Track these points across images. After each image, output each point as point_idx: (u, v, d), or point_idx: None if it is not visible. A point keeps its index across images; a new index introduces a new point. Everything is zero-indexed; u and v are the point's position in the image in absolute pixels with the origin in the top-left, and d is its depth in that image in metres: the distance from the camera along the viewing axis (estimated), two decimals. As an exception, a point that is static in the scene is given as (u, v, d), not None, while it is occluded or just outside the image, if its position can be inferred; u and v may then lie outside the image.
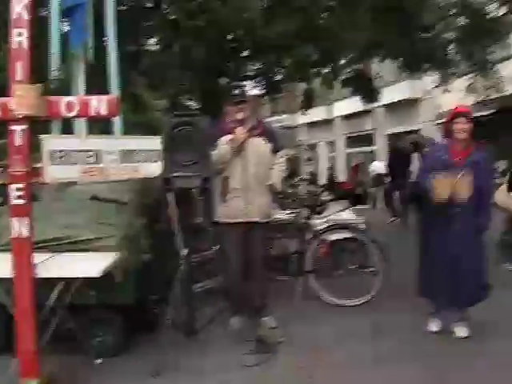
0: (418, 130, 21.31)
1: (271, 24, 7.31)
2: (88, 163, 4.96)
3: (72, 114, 3.46)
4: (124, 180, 5.34)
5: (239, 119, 4.94)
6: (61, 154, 4.71)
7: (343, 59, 10.64)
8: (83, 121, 5.80)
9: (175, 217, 5.18)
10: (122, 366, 4.27)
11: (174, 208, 5.18)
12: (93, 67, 6.02)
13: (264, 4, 8.25)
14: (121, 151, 5.14)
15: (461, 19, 8.55)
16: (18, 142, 3.29)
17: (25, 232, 3.29)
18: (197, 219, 5.61)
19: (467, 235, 4.50)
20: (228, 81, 10.38)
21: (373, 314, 5.31)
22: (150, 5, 8.96)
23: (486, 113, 15.33)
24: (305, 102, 13.40)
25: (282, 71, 10.75)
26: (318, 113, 28.67)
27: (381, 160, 19.18)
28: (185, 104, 12.54)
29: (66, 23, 6.04)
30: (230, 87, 8.29)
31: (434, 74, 10.91)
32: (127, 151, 5.20)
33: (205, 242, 5.82)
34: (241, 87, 5.60)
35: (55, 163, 4.65)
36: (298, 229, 6.44)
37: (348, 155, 29.72)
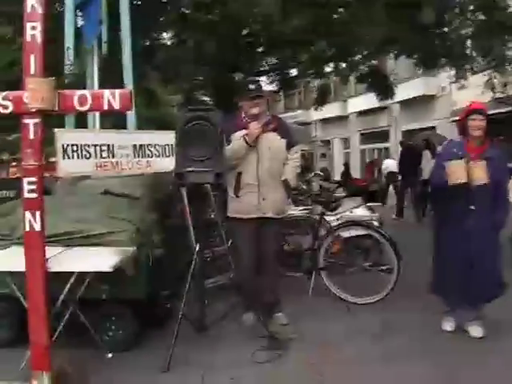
0: (434, 127, 21.20)
1: (287, 19, 7.25)
2: (101, 157, 4.95)
3: (85, 108, 3.43)
4: (137, 175, 5.35)
5: (254, 114, 4.89)
6: (74, 148, 4.69)
7: (359, 55, 10.57)
8: (97, 115, 5.84)
9: (188, 212, 5.18)
10: (133, 361, 4.27)
11: (187, 203, 5.19)
12: (107, 61, 6.03)
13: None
14: (134, 146, 5.13)
15: (478, 14, 8.42)
16: (31, 136, 3.27)
17: (37, 226, 3.29)
18: (209, 214, 5.60)
19: (482, 232, 4.45)
20: (243, 76, 10.37)
21: (384, 312, 5.29)
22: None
23: (504, 110, 15.17)
24: (319, 98, 13.35)
25: (297, 67, 10.72)
26: (333, 109, 28.66)
27: (394, 157, 19.03)
28: (199, 99, 12.56)
29: (81, 18, 6.06)
30: (245, 82, 8.26)
31: (450, 71, 10.79)
32: (140, 146, 5.18)
33: (217, 238, 5.80)
34: (256, 82, 5.55)
35: (68, 157, 4.63)
36: (312, 225, 6.42)
37: (362, 152, 29.65)
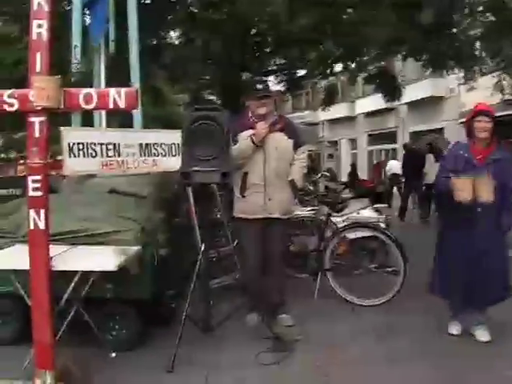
0: (442, 129, 21.11)
1: (294, 18, 7.23)
2: (107, 156, 4.93)
3: (91, 107, 3.42)
4: (143, 174, 5.33)
5: (261, 114, 4.87)
6: (80, 147, 4.67)
7: (366, 56, 10.53)
8: (103, 114, 5.83)
9: (193, 211, 5.17)
10: (137, 360, 4.25)
11: (193, 203, 5.17)
12: (114, 60, 6.02)
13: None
14: (140, 144, 5.11)
15: (488, 15, 8.37)
16: (36, 134, 3.26)
17: (41, 224, 3.28)
18: (215, 214, 5.58)
19: (488, 234, 4.40)
20: (250, 76, 10.35)
21: (390, 313, 5.28)
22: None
23: (512, 112, 15.10)
24: (326, 99, 13.31)
25: (305, 66, 10.69)
26: (341, 110, 28.63)
27: (398, 159, 18.88)
28: (206, 98, 12.56)
29: (88, 16, 6.06)
30: (253, 82, 8.25)
31: (459, 72, 10.73)
32: (146, 145, 5.16)
33: (223, 238, 5.79)
34: (264, 82, 5.52)
35: (74, 156, 4.61)
36: (318, 226, 6.39)
37: (370, 153, 29.58)
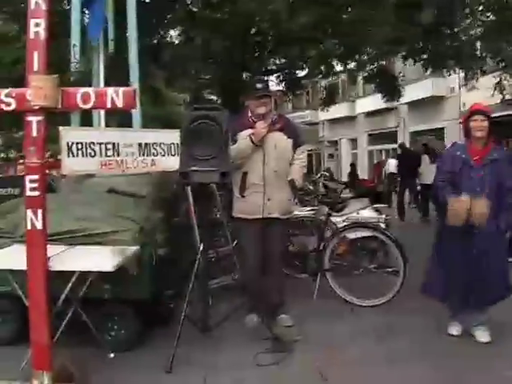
0: (442, 129, 21.10)
1: (295, 16, 7.23)
2: (106, 156, 4.91)
3: (88, 106, 3.40)
4: (142, 173, 5.31)
5: (261, 113, 4.84)
6: (79, 146, 4.65)
7: (366, 55, 10.52)
8: (102, 113, 5.82)
9: (192, 211, 5.15)
10: (135, 361, 4.24)
11: (192, 202, 5.15)
12: (113, 59, 6.01)
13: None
14: (139, 144, 5.09)
15: (489, 15, 8.36)
16: (34, 134, 3.25)
17: (38, 224, 3.26)
18: (215, 214, 5.57)
19: (488, 234, 4.37)
20: (250, 75, 10.34)
21: (389, 314, 5.26)
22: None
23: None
24: (327, 98, 13.31)
25: (305, 66, 10.68)
26: (341, 109, 28.63)
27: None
28: (207, 98, 12.55)
29: (86, 15, 6.05)
30: (253, 81, 8.22)
31: (460, 72, 10.73)
32: (145, 144, 5.14)
33: (222, 238, 5.77)
34: (264, 81, 5.50)
35: (73, 155, 4.60)
36: (318, 226, 6.37)
37: (370, 152, 29.58)
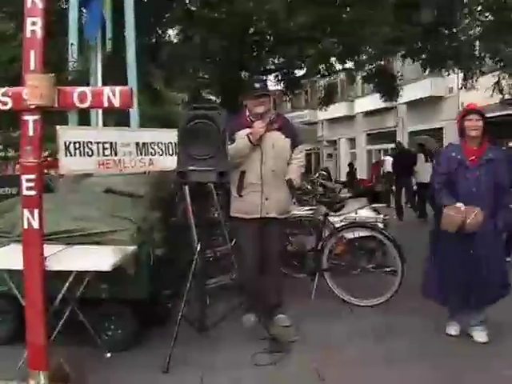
0: (441, 128, 21.10)
1: (293, 16, 7.22)
2: (104, 155, 4.89)
3: (85, 105, 3.38)
4: (140, 173, 5.30)
5: (259, 113, 4.82)
6: (76, 146, 4.63)
7: (365, 55, 10.51)
8: (99, 112, 5.81)
9: (190, 211, 5.14)
10: (132, 361, 4.23)
11: (189, 202, 5.14)
12: (111, 58, 5.99)
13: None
14: (136, 144, 5.08)
15: (488, 14, 8.35)
16: (30, 133, 3.24)
17: (35, 223, 3.25)
18: (213, 214, 5.56)
19: (485, 233, 4.37)
20: (249, 75, 10.33)
21: (387, 314, 5.26)
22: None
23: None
24: (325, 98, 13.30)
25: (304, 64, 10.67)
26: (340, 109, 28.62)
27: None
28: (206, 98, 12.54)
29: (84, 14, 6.04)
30: (251, 81, 8.21)
31: (458, 72, 10.72)
32: (143, 144, 5.13)
33: (220, 237, 5.76)
34: (262, 81, 5.49)
35: (71, 155, 4.58)
36: (316, 226, 6.36)
37: (369, 152, 29.59)
